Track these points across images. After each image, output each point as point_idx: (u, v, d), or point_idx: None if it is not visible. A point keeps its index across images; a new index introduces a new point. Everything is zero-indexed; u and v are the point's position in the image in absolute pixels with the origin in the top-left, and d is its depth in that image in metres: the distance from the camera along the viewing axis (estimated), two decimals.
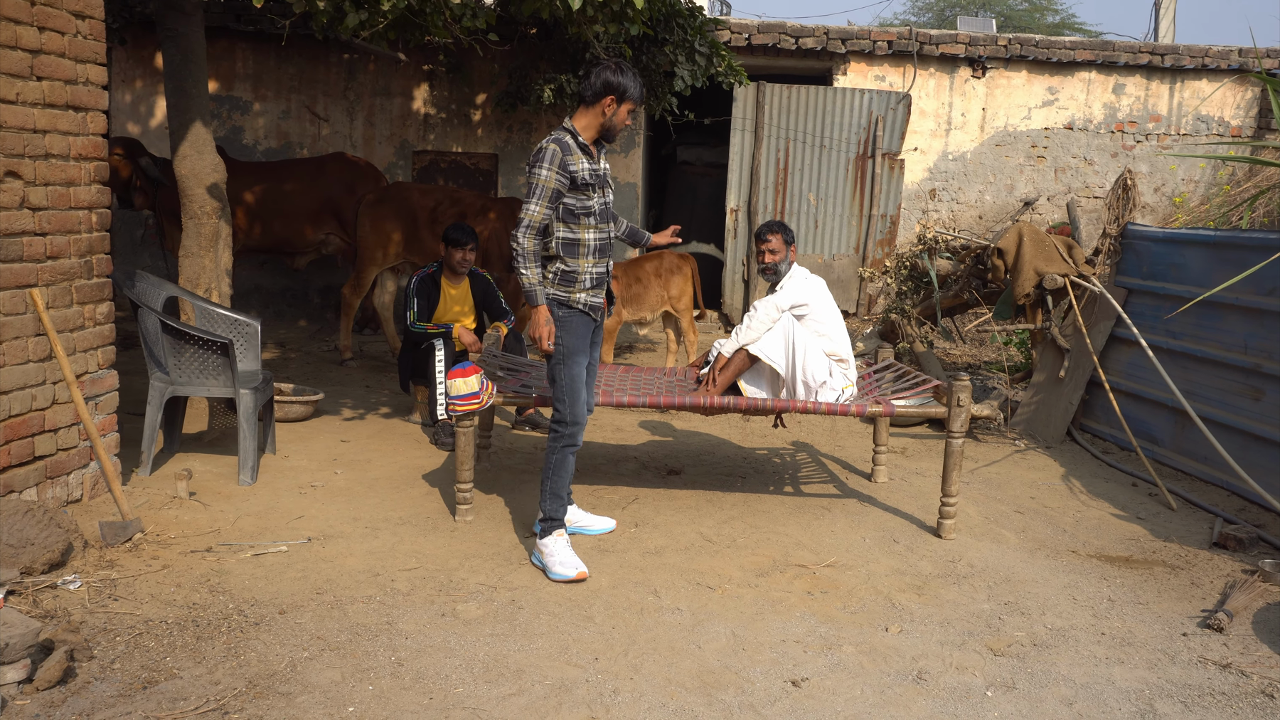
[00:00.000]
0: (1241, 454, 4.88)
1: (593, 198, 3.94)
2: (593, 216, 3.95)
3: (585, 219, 3.93)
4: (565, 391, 3.96)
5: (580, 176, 3.86)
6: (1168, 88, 9.89)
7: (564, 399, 3.96)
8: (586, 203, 3.92)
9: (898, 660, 3.30)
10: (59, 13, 4.03)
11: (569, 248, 3.93)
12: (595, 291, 4.00)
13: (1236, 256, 5.19)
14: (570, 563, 3.85)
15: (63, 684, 2.86)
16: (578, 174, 3.85)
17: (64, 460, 4.16)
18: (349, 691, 2.94)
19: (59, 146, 4.07)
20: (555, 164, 3.80)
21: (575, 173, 3.85)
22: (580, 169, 3.86)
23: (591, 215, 3.94)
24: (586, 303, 3.97)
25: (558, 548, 3.89)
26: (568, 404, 3.96)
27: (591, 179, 3.91)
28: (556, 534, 3.92)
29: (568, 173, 3.83)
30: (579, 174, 3.86)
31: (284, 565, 3.87)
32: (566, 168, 3.82)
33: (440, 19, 4.71)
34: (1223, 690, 3.18)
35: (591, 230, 3.96)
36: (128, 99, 9.47)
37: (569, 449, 4.00)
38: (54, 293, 4.07)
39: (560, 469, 3.99)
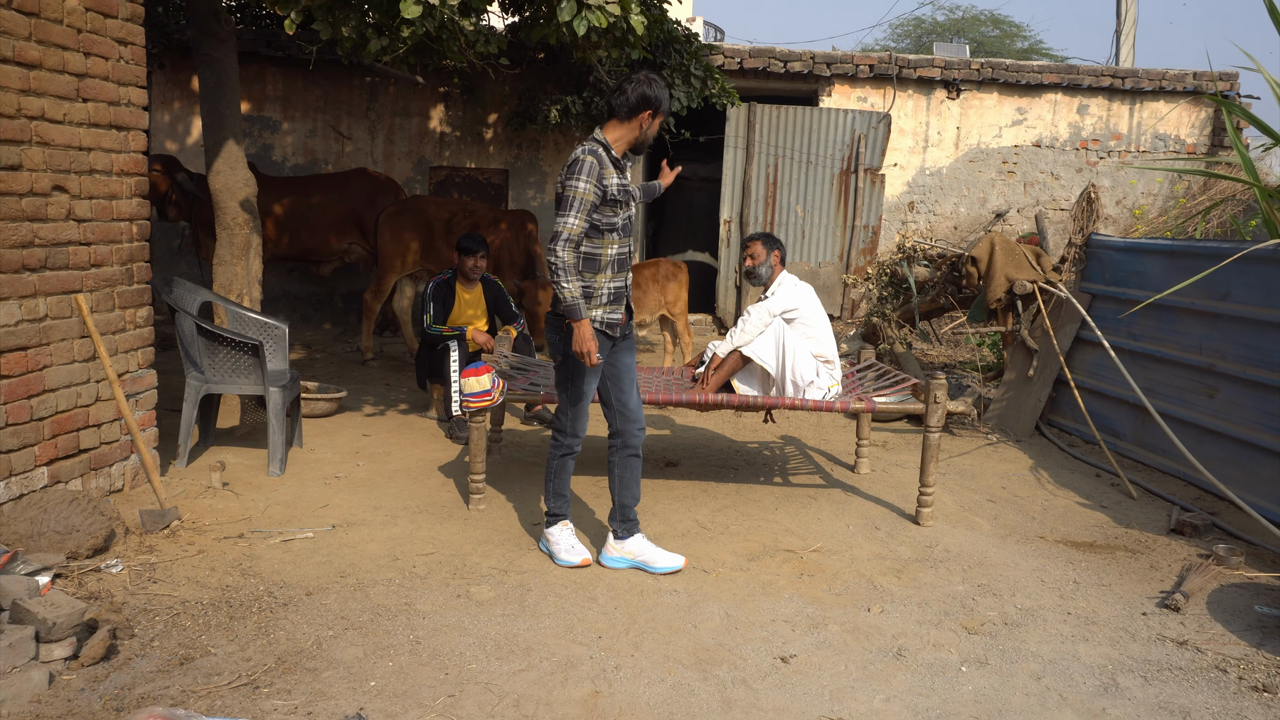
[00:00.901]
0: (1197, 447, 4.88)
1: (619, 213, 3.65)
2: (616, 232, 3.66)
3: (609, 234, 3.64)
4: (571, 406, 3.78)
5: (611, 191, 3.59)
6: (1128, 108, 9.88)
7: (567, 411, 3.80)
8: (612, 218, 3.63)
9: (879, 638, 3.30)
10: (103, 39, 4.03)
11: (589, 263, 3.64)
12: (612, 307, 3.71)
13: (1192, 264, 5.18)
14: (575, 549, 3.82)
15: (106, 660, 2.86)
16: (609, 188, 3.58)
17: (107, 453, 4.16)
18: (370, 667, 2.94)
19: (102, 163, 4.07)
20: (593, 176, 3.52)
21: (608, 187, 3.57)
22: (612, 183, 3.58)
23: (615, 231, 3.65)
24: (603, 319, 3.69)
25: (562, 536, 3.85)
26: (570, 418, 3.80)
27: (620, 194, 3.62)
28: (561, 525, 3.88)
29: (601, 186, 3.55)
30: (610, 188, 3.58)
31: (310, 550, 3.86)
32: (601, 181, 3.55)
33: (456, 44, 4.71)
34: (1179, 665, 3.18)
35: (614, 245, 3.67)
36: (166, 119, 9.46)
37: (569, 457, 3.88)
38: (97, 298, 4.07)
39: (560, 473, 3.90)
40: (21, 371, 3.66)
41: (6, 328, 3.59)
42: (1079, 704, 2.92)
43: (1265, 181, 6.37)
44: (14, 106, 3.59)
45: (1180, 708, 2.91)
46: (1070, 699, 2.95)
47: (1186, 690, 3.02)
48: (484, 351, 5.58)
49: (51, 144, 3.78)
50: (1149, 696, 2.97)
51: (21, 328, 3.66)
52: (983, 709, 2.87)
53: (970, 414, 6.33)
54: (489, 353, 5.45)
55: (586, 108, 8.34)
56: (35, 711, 2.59)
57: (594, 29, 4.42)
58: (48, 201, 3.78)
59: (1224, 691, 3.02)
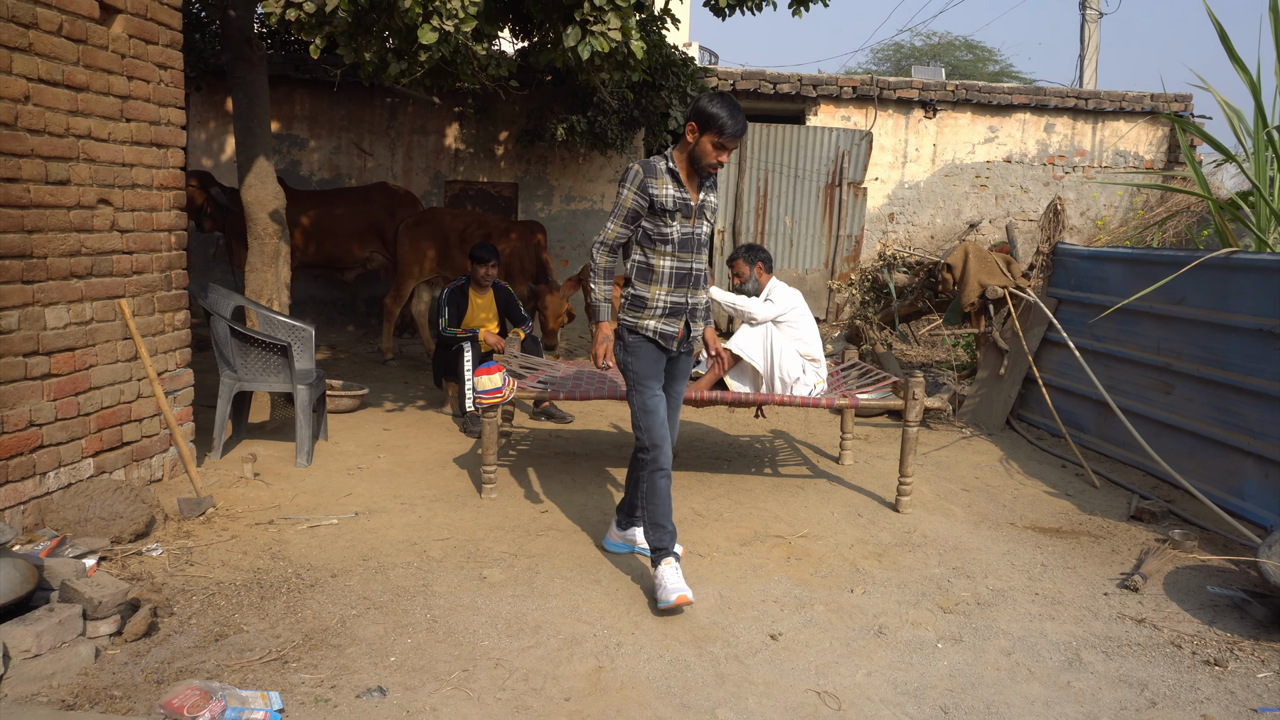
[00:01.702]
0: (1155, 440, 4.88)
1: (671, 225, 3.37)
2: (670, 244, 3.39)
3: (661, 245, 3.39)
4: (639, 416, 3.41)
5: (661, 201, 3.34)
6: (1091, 127, 9.88)
7: (638, 424, 3.41)
8: (664, 229, 3.38)
9: (861, 617, 3.30)
10: (145, 64, 4.04)
11: (642, 272, 3.43)
12: (669, 319, 3.44)
13: (1150, 271, 5.18)
14: (674, 587, 3.26)
15: (147, 636, 2.87)
16: (658, 198, 3.34)
17: (147, 445, 4.16)
18: (391, 644, 2.94)
19: (144, 178, 4.08)
20: (635, 185, 3.34)
21: (655, 196, 3.34)
22: (663, 194, 3.34)
23: (669, 243, 3.39)
24: (657, 330, 3.42)
25: (668, 576, 3.29)
26: (644, 428, 3.40)
27: (674, 205, 3.35)
28: (665, 563, 3.32)
29: (647, 195, 3.34)
30: (659, 198, 3.34)
31: (335, 536, 3.87)
32: (646, 190, 3.34)
33: (469, 68, 4.71)
34: (1138, 641, 3.18)
35: (668, 258, 3.40)
36: (203, 137, 9.46)
37: (656, 473, 3.39)
38: (139, 302, 4.07)
39: (653, 495, 3.39)
40: (69, 370, 3.67)
41: (56, 330, 3.59)
42: (1046, 677, 2.92)
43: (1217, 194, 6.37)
44: (63, 126, 3.60)
45: (1139, 680, 2.92)
46: (1038, 673, 2.95)
47: (1145, 664, 3.02)
48: (495, 352, 5.58)
49: (97, 160, 3.79)
50: (1110, 670, 2.98)
51: (70, 330, 3.66)
52: (957, 682, 2.87)
53: (946, 410, 6.33)
54: (500, 353, 5.45)
55: (590, 126, 8.33)
56: (83, 683, 2.59)
57: (597, 53, 4.42)
58: (94, 214, 3.78)
59: (1179, 665, 3.02)
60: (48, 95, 3.51)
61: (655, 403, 3.42)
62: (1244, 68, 5.07)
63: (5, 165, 3.33)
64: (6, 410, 3.35)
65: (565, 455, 5.28)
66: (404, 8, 3.97)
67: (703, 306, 3.57)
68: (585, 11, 4.29)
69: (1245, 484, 4.38)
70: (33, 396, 3.48)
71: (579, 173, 9.62)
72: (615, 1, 4.29)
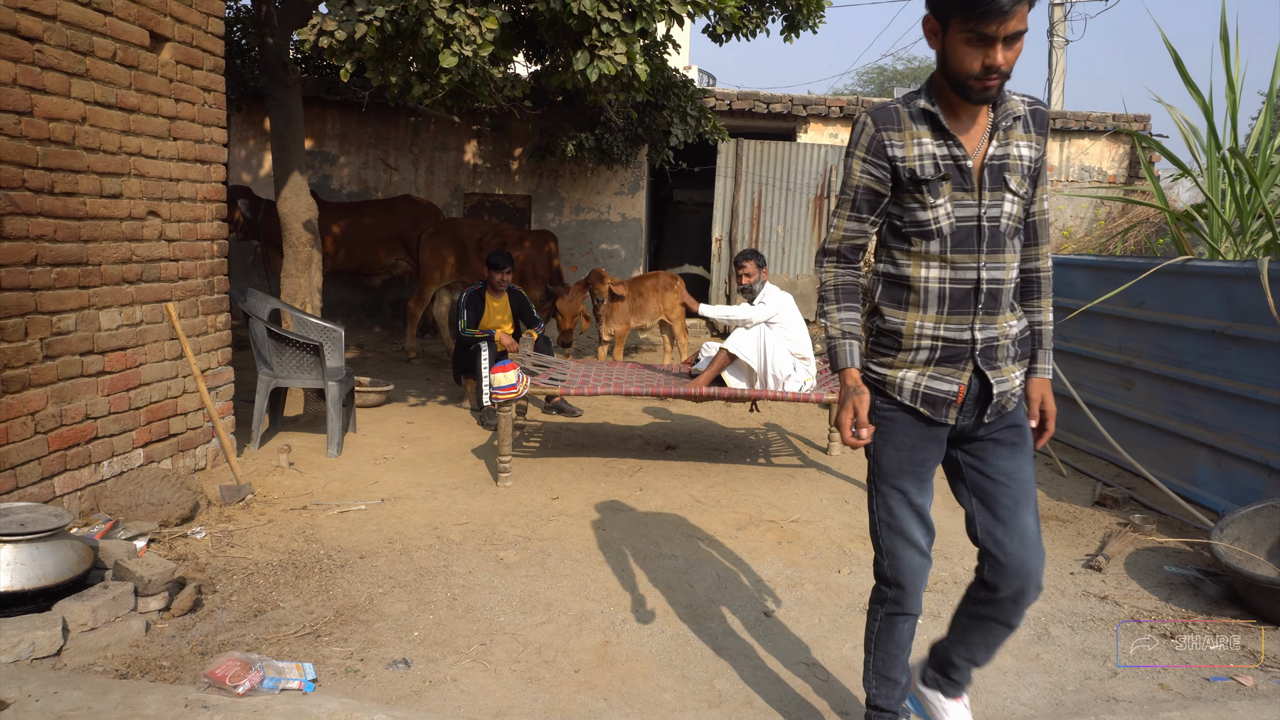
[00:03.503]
0: (1117, 431, 4.87)
1: (935, 204, 1.84)
2: (933, 239, 1.86)
3: (918, 241, 1.88)
4: (880, 534, 2.03)
5: (910, 167, 1.83)
6: (1058, 144, 9.86)
7: (878, 544, 2.05)
8: (920, 213, 1.86)
9: (848, 595, 3.30)
10: (191, 88, 4.05)
11: (891, 288, 1.94)
12: (937, 371, 1.91)
13: (1113, 276, 5.17)
14: None
15: (192, 612, 2.88)
16: (905, 163, 1.84)
17: (192, 437, 4.17)
18: (415, 620, 2.95)
19: (189, 192, 4.09)
20: (864, 148, 1.87)
21: (900, 161, 1.84)
22: (912, 153, 1.83)
23: (930, 236, 1.86)
24: (915, 387, 1.92)
25: None
26: (885, 553, 2.04)
27: (937, 170, 1.82)
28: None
29: (885, 159, 1.85)
30: (908, 163, 1.84)
31: (363, 520, 3.87)
32: (884, 150, 1.85)
33: (487, 89, 4.71)
34: (1101, 617, 3.18)
35: (932, 264, 1.87)
36: (242, 154, 9.47)
37: (895, 616, 2.08)
38: (184, 306, 4.08)
39: (885, 639, 2.10)
40: (122, 368, 3.68)
41: (109, 331, 3.60)
42: (1017, 650, 2.92)
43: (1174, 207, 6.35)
44: (116, 144, 3.61)
45: (1101, 653, 2.91)
46: (1009, 646, 2.94)
47: (1107, 638, 3.02)
48: (510, 351, 5.59)
49: (147, 176, 3.80)
50: (1075, 643, 2.98)
51: (121, 331, 3.67)
52: None
53: None
54: (514, 352, 5.46)
55: (598, 142, 8.34)
56: (134, 654, 2.60)
57: (604, 76, 4.42)
58: (143, 224, 3.79)
59: (1138, 638, 3.01)
60: (103, 116, 3.52)
61: (905, 518, 1.99)
62: (1197, 91, 5.05)
63: (64, 181, 3.34)
64: (65, 405, 3.37)
65: (575, 446, 5.29)
66: (427, 35, 3.97)
67: (1012, 341, 1.96)
68: (594, 37, 4.29)
69: (1199, 472, 4.37)
70: (88, 392, 3.49)
71: (587, 185, 9.62)
72: (621, 28, 4.29)
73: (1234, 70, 4.89)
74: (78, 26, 3.37)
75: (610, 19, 4.24)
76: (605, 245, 9.74)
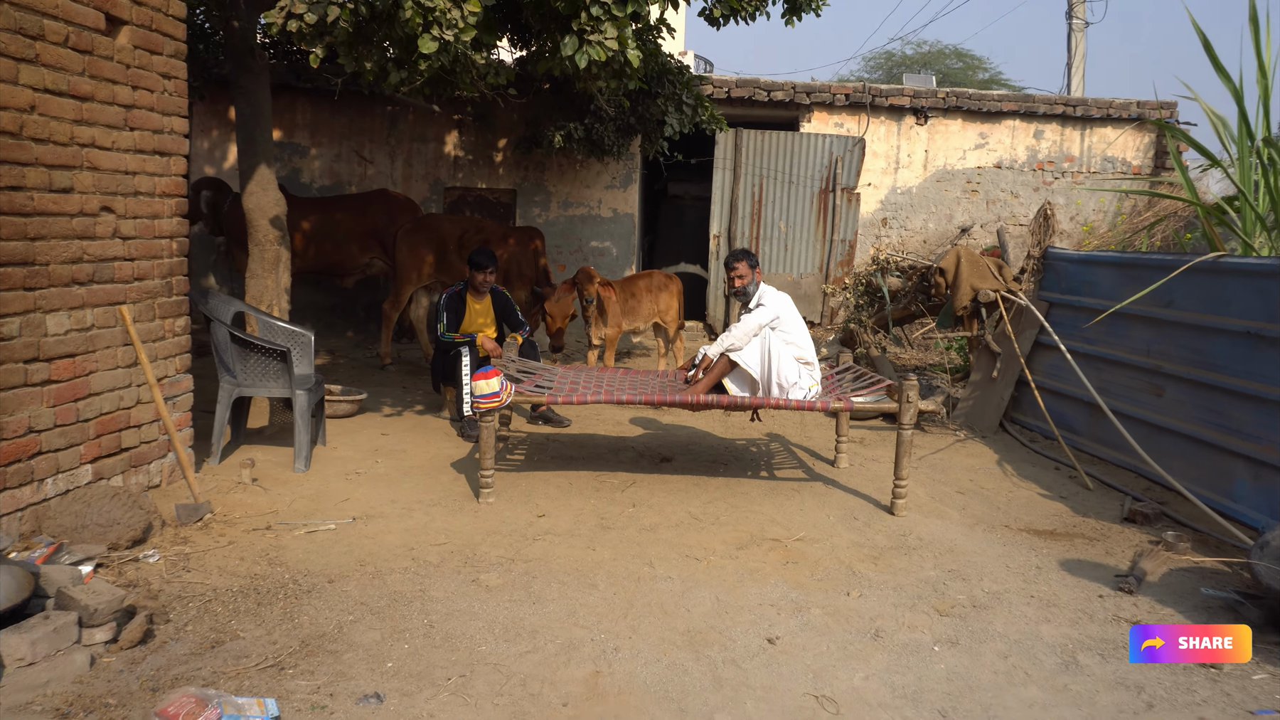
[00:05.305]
0: (1146, 441, 4.84)
1: None
2: None
3: None
4: None
5: None
6: (1079, 133, 9.87)
7: None
8: None
9: (858, 620, 3.25)
10: (150, 74, 4.00)
11: None
12: None
13: (1139, 275, 5.15)
14: None
15: (143, 644, 2.82)
16: None
17: (146, 451, 4.11)
18: (388, 650, 2.89)
19: (146, 186, 4.04)
20: None
21: None
22: None
23: None
24: None
25: None
26: None
27: None
28: None
29: None
30: None
31: (332, 541, 3.81)
32: None
33: (469, 76, 4.67)
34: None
35: None
36: (205, 145, 9.42)
37: None
38: (139, 309, 4.02)
39: None
40: (69, 377, 3.61)
41: (56, 336, 3.54)
42: (1042, 680, 2.87)
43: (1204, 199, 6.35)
44: (68, 135, 3.56)
45: (1135, 683, 2.87)
46: (1035, 675, 2.90)
47: (1140, 666, 2.97)
48: (492, 357, 5.53)
49: (101, 169, 3.74)
50: (1107, 673, 2.93)
51: (70, 336, 3.61)
52: (954, 686, 2.82)
53: (940, 412, 6.29)
54: (497, 358, 5.40)
55: (587, 133, 8.30)
56: (77, 691, 2.53)
57: (594, 62, 4.38)
58: (96, 221, 3.73)
59: (1174, 667, 2.97)
60: (53, 105, 3.47)
61: None
62: (1227, 76, 5.04)
63: (9, 174, 3.29)
64: (5, 417, 3.30)
65: (562, 459, 5.23)
66: (404, 18, 3.93)
67: None
68: (582, 21, 4.25)
69: (1236, 485, 4.34)
70: (32, 403, 3.43)
71: (576, 179, 9.58)
72: (612, 11, 4.26)
73: (1265, 55, 4.88)
74: (27, 8, 3.31)
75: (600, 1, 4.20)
76: (595, 243, 9.70)
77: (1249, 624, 3.28)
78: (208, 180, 8.27)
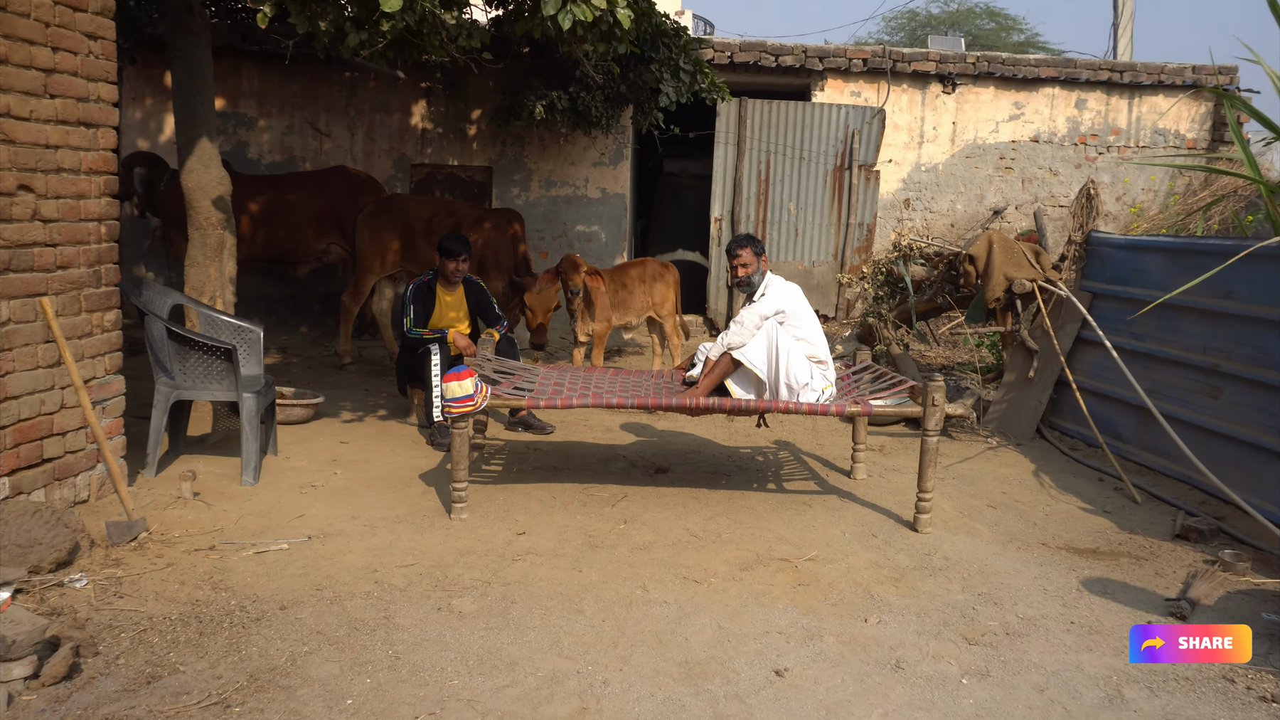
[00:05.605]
0: (1202, 449, 4.87)
1: None
2: None
3: None
4: None
5: None
6: (1126, 103, 9.92)
7: None
8: None
9: (877, 650, 3.27)
10: (72, 34, 3.99)
11: None
12: None
13: (1194, 262, 5.18)
14: None
15: (68, 679, 2.82)
16: None
17: (72, 462, 4.10)
18: (348, 684, 2.90)
19: (70, 161, 4.02)
20: None
21: None
22: None
23: None
24: None
25: None
26: None
27: None
28: None
29: None
30: None
31: (285, 562, 3.82)
32: None
33: (437, 39, 4.67)
34: (1186, 675, 3.16)
35: None
36: (138, 116, 9.39)
37: None
38: (63, 301, 4.01)
39: None
40: None
41: None
42: (1083, 716, 2.90)
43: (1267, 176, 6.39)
44: None
45: (1187, 719, 2.89)
46: (1074, 711, 2.92)
47: (1194, 701, 3.00)
48: (466, 355, 5.54)
49: (17, 141, 3.74)
50: (1155, 708, 2.95)
51: None
52: None
53: (969, 417, 6.32)
54: (471, 357, 5.41)
55: (572, 103, 8.31)
56: None
57: (580, 23, 4.39)
58: (13, 201, 3.73)
59: (1232, 702, 3.00)
60: None
61: None
62: None
63: None
64: None
65: (545, 470, 5.24)
66: None
67: None
68: None
69: None
70: None
71: (560, 155, 9.59)
72: None
73: None
74: None
75: None
76: (582, 226, 9.71)
77: None
78: (141, 155, 8.24)
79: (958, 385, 6.83)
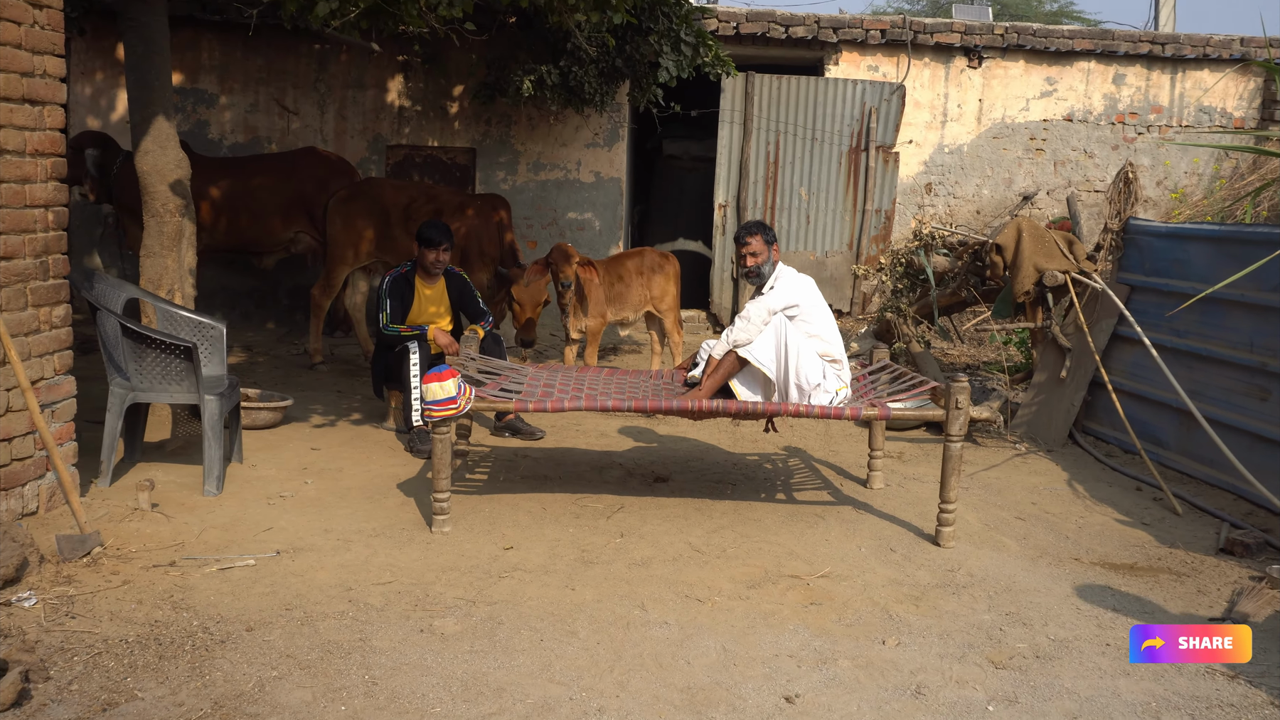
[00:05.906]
0: (1248, 456, 4.90)
1: None
2: None
3: None
4: None
5: None
6: (1169, 78, 9.95)
7: None
8: None
9: (895, 674, 3.29)
10: (15, 2, 3.99)
11: None
12: None
13: (1241, 252, 5.21)
14: None
15: (16, 707, 2.82)
16: None
17: (18, 471, 4.11)
18: (320, 712, 2.91)
19: (14, 142, 4.03)
20: None
21: None
22: None
23: None
24: None
25: None
26: None
27: None
28: None
29: None
30: None
31: (251, 580, 3.83)
32: None
33: (415, 7, 4.69)
34: (1230, 701, 3.18)
35: None
36: (88, 92, 9.40)
37: None
38: (7, 295, 4.02)
39: None
40: None
41: None
42: None
43: None
44: None
45: None
46: None
47: None
48: (448, 354, 5.56)
49: None
50: None
51: None
52: None
53: (996, 421, 6.34)
54: (454, 355, 5.43)
55: (563, 78, 8.32)
56: None
57: None
58: None
59: None
60: None
61: None
62: None
63: None
64: None
65: (534, 479, 5.26)
66: None
67: None
68: None
69: None
70: None
71: (550, 135, 9.61)
72: None
73: None
74: None
75: None
76: (574, 213, 9.73)
77: None
78: (92, 135, 8.25)
79: (983, 386, 6.86)
